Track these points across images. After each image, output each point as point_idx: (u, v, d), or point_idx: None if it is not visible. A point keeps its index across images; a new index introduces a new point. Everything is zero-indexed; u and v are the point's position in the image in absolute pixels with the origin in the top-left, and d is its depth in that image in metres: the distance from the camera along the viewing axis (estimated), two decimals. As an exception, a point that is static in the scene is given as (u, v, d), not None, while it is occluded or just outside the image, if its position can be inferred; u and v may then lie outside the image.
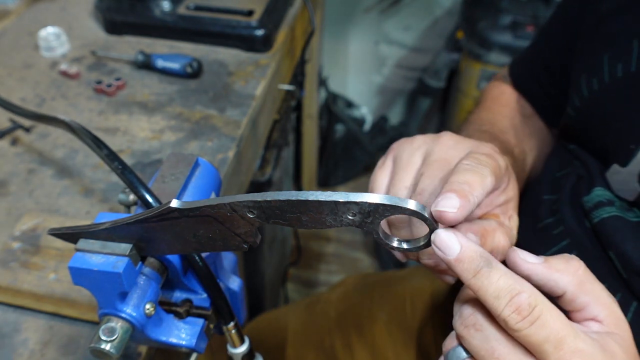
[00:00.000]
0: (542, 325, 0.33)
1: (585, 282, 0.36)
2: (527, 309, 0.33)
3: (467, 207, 0.38)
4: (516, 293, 0.34)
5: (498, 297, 0.34)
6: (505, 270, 0.35)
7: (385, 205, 0.35)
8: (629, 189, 0.54)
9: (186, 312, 0.47)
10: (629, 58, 0.55)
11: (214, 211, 0.37)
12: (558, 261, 0.37)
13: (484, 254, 0.35)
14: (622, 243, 0.52)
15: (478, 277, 0.35)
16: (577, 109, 0.60)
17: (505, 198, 0.46)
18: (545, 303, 0.34)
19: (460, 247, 0.35)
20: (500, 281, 0.34)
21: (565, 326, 0.34)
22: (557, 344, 0.33)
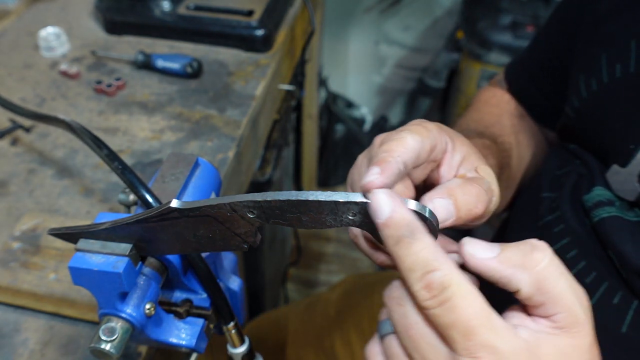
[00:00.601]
0: (451, 309, 0.32)
1: (545, 279, 0.33)
2: (437, 288, 0.32)
3: (390, 169, 0.37)
4: (431, 269, 0.32)
5: (412, 270, 0.33)
6: (429, 244, 0.33)
7: (385, 205, 0.35)
8: (629, 190, 0.54)
9: (186, 312, 0.47)
10: (627, 59, 0.55)
11: (214, 211, 0.37)
12: (515, 254, 0.34)
13: (412, 223, 0.34)
14: (620, 243, 0.52)
15: (399, 245, 0.34)
16: (576, 110, 0.61)
17: (461, 155, 0.44)
18: (463, 287, 0.32)
19: (390, 211, 0.34)
20: (419, 254, 0.33)
21: (480, 316, 0.32)
22: (465, 333, 0.31)
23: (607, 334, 0.53)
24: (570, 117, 0.62)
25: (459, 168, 0.45)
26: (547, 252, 0.34)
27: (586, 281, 0.55)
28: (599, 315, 0.53)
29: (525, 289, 0.33)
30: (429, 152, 0.42)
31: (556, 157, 0.66)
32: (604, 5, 0.60)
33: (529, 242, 0.35)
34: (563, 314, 0.33)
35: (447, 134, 0.44)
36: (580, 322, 0.34)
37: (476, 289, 0.33)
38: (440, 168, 0.44)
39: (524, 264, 0.33)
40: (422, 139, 0.41)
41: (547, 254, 0.34)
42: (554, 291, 0.33)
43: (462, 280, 0.32)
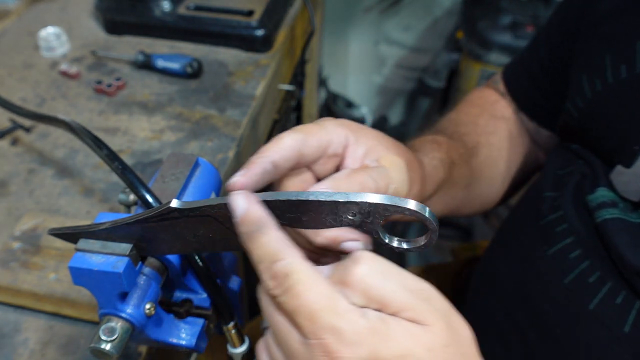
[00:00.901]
0: (294, 295, 0.33)
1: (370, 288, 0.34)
2: (281, 277, 0.34)
3: (253, 170, 0.39)
4: (275, 259, 0.34)
5: (260, 262, 0.35)
6: (276, 237, 0.35)
7: (385, 205, 0.35)
8: (633, 190, 0.53)
9: (186, 312, 0.47)
10: (632, 59, 0.54)
11: (214, 211, 0.37)
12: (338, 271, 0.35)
13: (262, 219, 0.36)
14: (621, 246, 0.52)
15: (250, 240, 0.36)
16: (580, 110, 0.60)
17: (365, 148, 0.46)
18: (304, 273, 0.33)
19: (245, 208, 0.36)
20: (266, 247, 0.35)
21: (322, 300, 0.33)
22: (309, 318, 0.33)
23: (610, 334, 0.53)
24: (574, 117, 0.62)
25: (364, 159, 0.46)
26: (363, 263, 0.35)
27: (589, 281, 0.55)
28: (602, 316, 0.53)
29: (357, 303, 0.34)
30: (318, 147, 0.43)
31: (558, 157, 0.66)
32: (605, 4, 0.60)
33: (350, 257, 0.35)
34: (402, 311, 0.34)
35: (348, 128, 0.45)
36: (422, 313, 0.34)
37: (320, 275, 0.34)
38: (345, 161, 0.46)
39: (345, 281, 0.34)
40: (304, 137, 0.42)
41: (363, 265, 0.35)
42: (383, 295, 0.34)
43: (305, 268, 0.34)
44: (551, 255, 0.58)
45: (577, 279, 0.56)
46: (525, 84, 0.75)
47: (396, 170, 0.45)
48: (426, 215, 0.35)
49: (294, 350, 0.34)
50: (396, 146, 0.48)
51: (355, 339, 0.32)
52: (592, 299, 0.54)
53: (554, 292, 0.57)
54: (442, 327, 0.34)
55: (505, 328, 0.63)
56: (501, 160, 0.74)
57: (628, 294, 0.52)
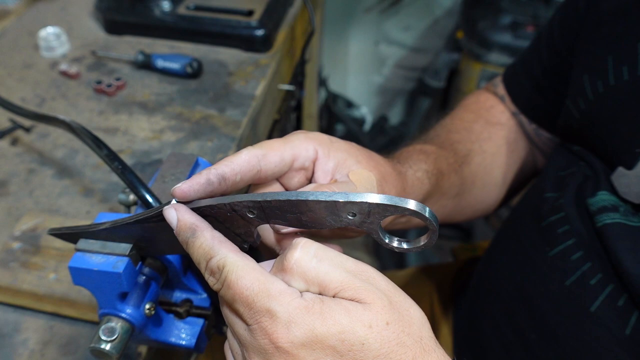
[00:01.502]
0: (228, 285, 0.35)
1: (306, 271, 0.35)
2: (217, 271, 0.36)
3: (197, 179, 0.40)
4: (209, 257, 0.37)
5: (199, 263, 0.38)
6: (208, 237, 0.38)
7: (385, 205, 0.35)
8: (635, 192, 0.53)
9: (186, 312, 0.47)
10: (634, 61, 0.54)
11: (214, 211, 0.37)
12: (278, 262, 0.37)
13: (193, 225, 0.38)
14: (621, 253, 0.52)
15: (188, 246, 0.38)
16: (582, 112, 0.60)
17: (335, 162, 0.46)
18: (235, 264, 0.36)
19: (176, 221, 0.38)
20: (200, 249, 0.37)
21: (254, 286, 0.35)
22: (246, 304, 0.35)
23: (611, 336, 0.52)
24: (575, 119, 0.61)
25: (334, 173, 0.46)
26: (296, 248, 0.36)
27: (591, 283, 0.54)
28: (604, 318, 0.53)
29: (298, 287, 0.36)
30: (280, 162, 0.44)
31: (560, 158, 0.65)
32: (607, 5, 0.60)
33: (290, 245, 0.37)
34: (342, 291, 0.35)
35: (317, 142, 0.46)
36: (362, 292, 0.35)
37: (253, 264, 0.36)
38: (315, 174, 0.47)
39: (283, 268, 0.36)
40: (264, 154, 0.43)
41: (297, 250, 0.36)
42: (319, 277, 0.35)
43: (236, 259, 0.36)
44: (552, 256, 0.58)
45: (578, 281, 0.55)
46: (526, 85, 0.75)
47: (365, 185, 0.46)
48: (426, 215, 0.35)
49: (243, 339, 0.36)
50: (368, 159, 0.49)
51: (290, 319, 0.34)
52: (594, 301, 0.54)
53: (555, 293, 0.57)
54: (384, 305, 0.35)
55: (505, 329, 0.63)
56: (496, 166, 0.74)
57: (629, 296, 0.52)
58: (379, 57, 2.15)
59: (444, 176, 0.64)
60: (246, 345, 0.36)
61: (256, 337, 0.35)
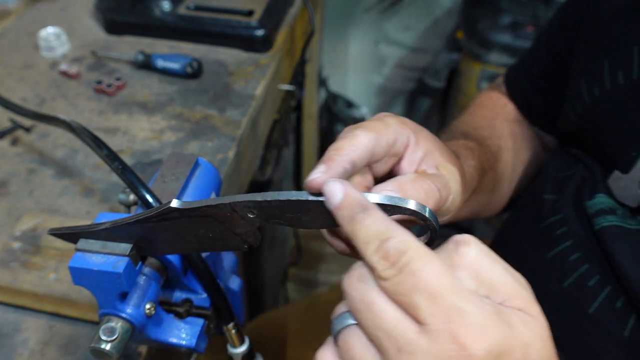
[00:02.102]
0: (410, 273, 0.30)
1: (482, 270, 0.32)
2: (394, 255, 0.31)
3: (334, 168, 0.38)
4: (385, 238, 0.32)
5: (368, 243, 0.32)
6: (381, 217, 0.33)
7: (385, 205, 0.35)
8: (631, 196, 0.53)
9: (186, 312, 0.47)
10: (629, 65, 0.54)
11: (214, 211, 0.37)
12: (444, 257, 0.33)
13: (362, 201, 0.34)
14: (618, 255, 0.52)
15: (353, 222, 0.33)
16: (579, 115, 0.60)
17: (423, 151, 0.44)
18: (420, 250, 0.31)
19: (343, 194, 0.34)
20: (372, 226, 0.32)
21: (443, 277, 0.30)
22: (429, 296, 0.30)
23: (610, 338, 0.52)
24: (573, 122, 0.62)
25: (421, 163, 0.44)
26: (471, 244, 0.33)
27: (589, 284, 0.54)
28: (602, 319, 0.53)
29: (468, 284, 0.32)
30: (386, 147, 0.42)
31: (559, 159, 0.65)
32: (604, 8, 0.60)
33: (452, 240, 0.34)
34: (510, 298, 0.32)
35: (410, 128, 0.44)
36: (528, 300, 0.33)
37: (434, 253, 0.32)
38: (402, 162, 0.44)
39: (454, 263, 0.32)
40: (377, 137, 0.41)
41: (472, 246, 0.33)
42: (493, 279, 0.32)
43: (419, 244, 0.31)
44: (551, 258, 0.58)
45: (576, 282, 0.55)
46: (526, 88, 0.75)
47: (453, 181, 0.44)
48: (426, 215, 0.35)
49: (407, 344, 0.30)
50: (449, 153, 0.47)
51: (485, 323, 0.29)
52: (592, 303, 0.54)
53: (553, 294, 0.57)
54: (544, 319, 0.33)
55: None
56: (518, 162, 0.74)
57: (628, 298, 0.52)
58: (379, 57, 2.15)
59: (485, 172, 0.63)
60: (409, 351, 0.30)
61: (438, 339, 0.29)
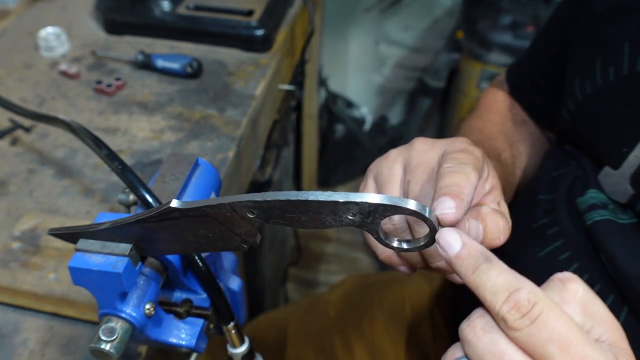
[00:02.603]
0: (543, 324, 0.31)
1: (588, 304, 0.34)
2: (526, 306, 0.32)
3: (463, 206, 0.39)
4: (515, 289, 0.32)
5: (496, 293, 0.33)
6: (505, 268, 0.34)
7: (385, 206, 0.35)
8: (621, 192, 0.54)
9: (186, 312, 0.47)
10: (620, 62, 0.55)
11: (214, 211, 0.37)
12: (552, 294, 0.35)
13: (484, 251, 0.35)
14: (612, 248, 0.52)
15: (477, 273, 0.34)
16: (571, 112, 0.61)
17: (490, 186, 0.45)
18: (548, 301, 0.32)
19: (461, 244, 0.35)
20: (500, 277, 0.33)
21: (572, 328, 0.32)
22: (562, 347, 0.31)
23: None
24: (566, 120, 0.62)
25: (485, 197, 0.45)
26: (578, 281, 0.35)
27: None
28: None
29: (577, 319, 0.34)
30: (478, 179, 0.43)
31: (552, 159, 0.66)
32: (598, 8, 0.60)
33: (556, 278, 0.35)
34: (610, 331, 0.34)
35: (487, 162, 0.45)
36: (622, 334, 0.35)
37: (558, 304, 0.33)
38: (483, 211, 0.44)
39: (565, 300, 0.34)
40: (478, 173, 0.42)
41: (580, 283, 0.35)
42: (597, 312, 0.34)
43: (547, 296, 0.33)
44: (542, 257, 0.59)
45: None
46: (527, 87, 0.75)
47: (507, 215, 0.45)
48: (426, 216, 0.35)
49: None
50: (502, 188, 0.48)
51: None
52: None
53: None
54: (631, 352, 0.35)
55: None
56: (531, 165, 0.74)
57: (617, 296, 0.52)
58: (379, 57, 2.15)
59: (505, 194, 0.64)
60: None
61: None
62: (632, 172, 0.52)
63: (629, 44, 0.54)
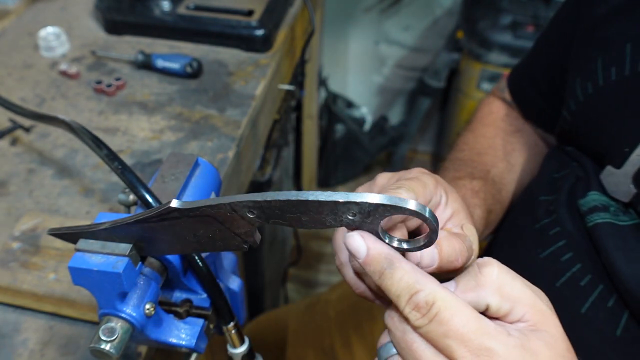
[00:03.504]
0: (440, 322, 0.34)
1: (503, 286, 0.36)
2: (425, 307, 0.34)
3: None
4: (415, 291, 0.35)
5: (399, 296, 0.36)
6: (409, 269, 0.36)
7: (385, 206, 0.35)
8: (623, 191, 0.54)
9: (186, 312, 0.47)
10: (622, 62, 0.55)
11: (214, 211, 0.37)
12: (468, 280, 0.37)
13: (389, 255, 0.36)
14: (611, 252, 0.52)
15: (383, 277, 0.36)
16: (573, 113, 0.61)
17: (451, 211, 0.47)
18: (447, 300, 0.34)
19: (366, 249, 0.37)
20: (402, 281, 0.36)
21: (470, 323, 0.34)
22: (461, 341, 0.34)
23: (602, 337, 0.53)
24: (567, 120, 0.62)
25: (447, 222, 0.47)
26: (493, 264, 0.37)
27: (581, 284, 0.55)
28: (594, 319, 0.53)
29: (492, 302, 0.36)
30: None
31: (554, 160, 0.66)
32: (600, 9, 0.60)
33: (475, 263, 0.38)
34: (531, 312, 0.36)
35: (442, 188, 0.46)
36: (547, 314, 0.36)
37: (460, 299, 0.35)
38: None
39: (479, 283, 0.37)
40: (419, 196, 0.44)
41: (494, 266, 0.37)
42: (514, 293, 0.36)
43: (446, 294, 0.35)
44: (544, 258, 0.59)
45: (568, 282, 0.56)
46: (529, 91, 0.75)
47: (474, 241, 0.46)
48: (426, 216, 0.35)
49: None
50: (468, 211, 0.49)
51: (509, 357, 0.33)
52: (584, 303, 0.54)
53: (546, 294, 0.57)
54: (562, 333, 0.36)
55: None
56: (525, 174, 0.75)
57: (619, 297, 0.52)
58: (379, 57, 2.15)
59: (490, 212, 0.66)
60: None
61: None
62: (635, 171, 0.52)
63: (630, 44, 0.54)
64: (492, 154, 0.73)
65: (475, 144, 0.75)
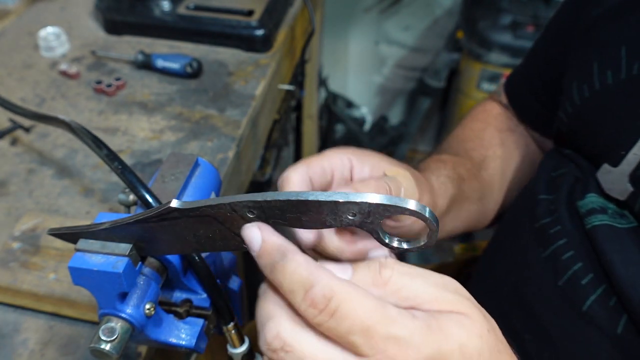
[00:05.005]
0: (342, 317, 0.32)
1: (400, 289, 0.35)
2: (322, 302, 0.32)
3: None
4: (310, 286, 0.32)
5: (293, 292, 0.33)
6: (302, 262, 0.33)
7: (385, 206, 0.35)
8: (619, 189, 0.54)
9: (186, 312, 0.47)
10: (618, 65, 0.55)
11: (214, 211, 0.37)
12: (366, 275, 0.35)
13: (282, 247, 0.34)
14: (610, 254, 0.52)
15: (274, 271, 0.34)
16: (569, 116, 0.61)
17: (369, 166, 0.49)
18: (345, 292, 0.32)
19: (261, 241, 0.35)
20: (295, 275, 0.33)
21: (373, 313, 0.32)
22: (365, 334, 0.31)
23: (603, 336, 0.53)
24: (564, 123, 0.62)
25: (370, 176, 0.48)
26: (392, 267, 0.35)
27: (582, 282, 0.55)
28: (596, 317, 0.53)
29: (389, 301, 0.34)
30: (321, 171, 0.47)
31: (551, 159, 0.66)
32: (596, 12, 0.60)
33: (377, 261, 0.36)
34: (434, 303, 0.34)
35: (350, 152, 0.49)
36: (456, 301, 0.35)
37: (361, 289, 0.33)
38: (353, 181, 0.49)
39: (376, 283, 0.34)
40: (307, 167, 0.45)
41: (393, 269, 0.35)
42: (411, 294, 0.34)
43: (344, 287, 0.32)
44: (545, 257, 0.59)
45: (570, 281, 0.56)
46: (525, 94, 0.76)
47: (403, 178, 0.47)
48: (426, 215, 0.35)
49: None
50: (398, 163, 0.50)
51: (417, 341, 0.32)
52: (585, 301, 0.54)
53: (548, 294, 0.57)
54: (479, 314, 0.35)
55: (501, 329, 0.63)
56: (511, 169, 0.75)
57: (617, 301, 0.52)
58: (379, 57, 2.15)
59: (465, 181, 0.65)
60: None
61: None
62: (632, 169, 0.53)
63: (625, 47, 0.55)
64: (477, 143, 0.74)
65: (461, 134, 0.76)
